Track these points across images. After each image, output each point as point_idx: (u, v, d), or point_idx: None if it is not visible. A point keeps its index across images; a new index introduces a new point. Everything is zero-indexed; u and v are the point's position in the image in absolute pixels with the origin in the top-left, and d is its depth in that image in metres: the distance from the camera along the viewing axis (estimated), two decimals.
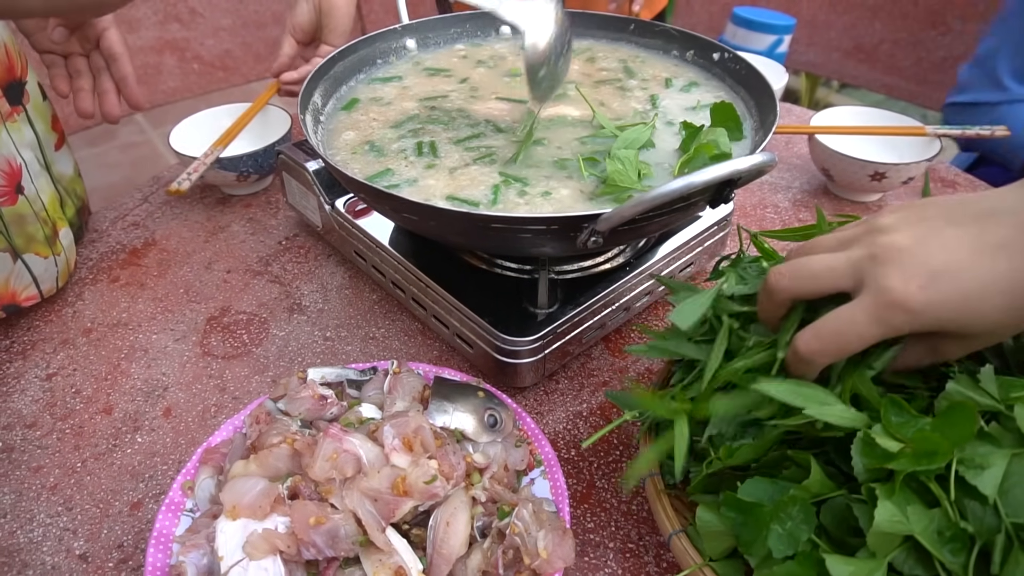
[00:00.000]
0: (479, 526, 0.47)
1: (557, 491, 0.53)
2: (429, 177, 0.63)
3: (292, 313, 0.77)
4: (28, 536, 0.56)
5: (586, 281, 0.66)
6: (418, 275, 0.68)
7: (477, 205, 0.59)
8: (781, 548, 0.38)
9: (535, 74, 0.61)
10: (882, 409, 0.38)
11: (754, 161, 0.48)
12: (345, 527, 0.45)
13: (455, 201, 0.59)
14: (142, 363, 0.71)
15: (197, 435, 0.64)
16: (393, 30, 0.82)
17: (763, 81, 0.70)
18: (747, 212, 0.92)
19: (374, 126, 0.71)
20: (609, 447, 0.62)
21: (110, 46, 0.75)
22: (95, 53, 0.77)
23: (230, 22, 1.81)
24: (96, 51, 0.77)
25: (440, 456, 0.49)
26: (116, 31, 0.76)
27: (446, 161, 0.65)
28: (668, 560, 0.54)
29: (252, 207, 0.94)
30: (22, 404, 0.67)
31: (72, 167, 0.85)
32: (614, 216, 0.48)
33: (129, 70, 0.77)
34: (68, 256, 0.78)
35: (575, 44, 0.86)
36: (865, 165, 0.85)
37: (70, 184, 0.84)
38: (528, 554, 0.46)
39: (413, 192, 0.61)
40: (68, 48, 0.76)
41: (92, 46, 0.77)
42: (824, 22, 1.96)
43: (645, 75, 0.80)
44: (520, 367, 0.63)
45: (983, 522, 0.34)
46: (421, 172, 0.63)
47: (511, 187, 0.60)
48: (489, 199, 0.59)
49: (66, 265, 0.78)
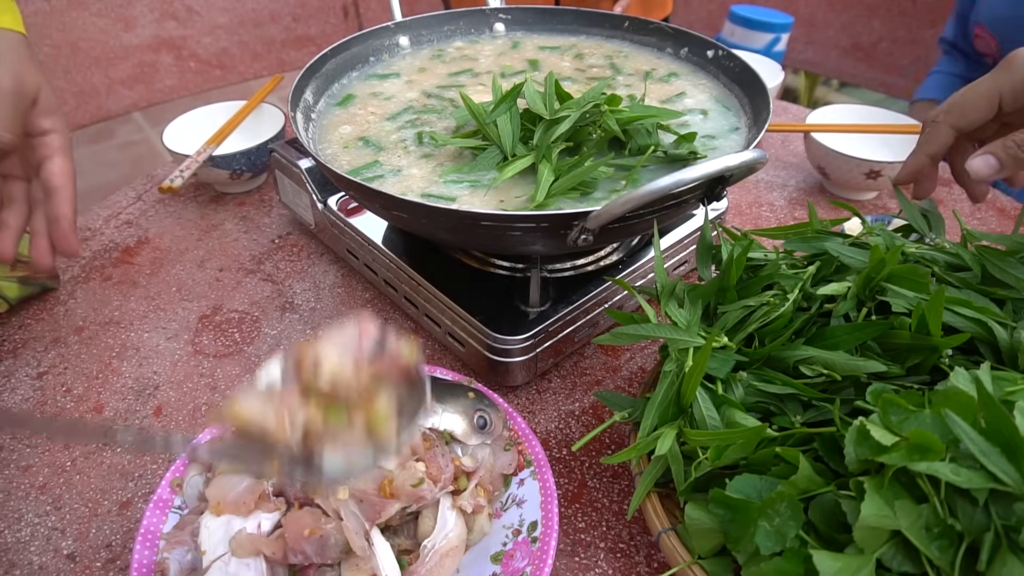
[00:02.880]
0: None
1: (547, 492, 0.53)
2: (414, 167, 0.63)
3: (284, 311, 0.77)
4: (16, 536, 0.56)
5: (579, 280, 0.66)
6: (410, 273, 0.68)
7: (453, 200, 0.58)
8: (769, 545, 0.38)
9: None
10: (880, 404, 0.38)
11: (744, 158, 0.47)
12: (335, 536, 0.45)
13: (431, 198, 0.59)
14: (133, 362, 0.71)
15: (187, 434, 0.63)
16: (386, 27, 0.82)
17: (757, 78, 0.70)
18: (742, 210, 0.92)
19: (370, 120, 0.71)
20: (601, 446, 0.62)
21: (48, 178, 0.59)
22: (36, 182, 0.61)
23: (227, 20, 1.80)
24: (38, 180, 0.61)
25: (428, 458, 0.49)
26: (63, 159, 0.60)
27: (441, 151, 0.65)
28: (659, 560, 0.53)
29: (245, 205, 0.94)
30: (12, 403, 0.67)
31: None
32: (603, 213, 0.47)
33: (65, 210, 0.59)
34: None
35: (561, 41, 0.87)
36: (860, 163, 0.85)
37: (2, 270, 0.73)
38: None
39: (395, 183, 0.61)
40: (5, 169, 0.61)
41: (34, 172, 0.61)
42: (822, 20, 1.96)
43: (629, 70, 0.80)
44: (512, 366, 0.62)
45: (972, 520, 0.34)
46: (411, 162, 0.63)
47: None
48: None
49: None
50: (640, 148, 0.62)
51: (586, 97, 0.62)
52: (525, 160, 0.59)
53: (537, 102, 0.62)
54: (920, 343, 0.44)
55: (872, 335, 0.46)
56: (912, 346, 0.45)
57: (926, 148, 0.51)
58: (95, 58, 1.68)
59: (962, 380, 0.39)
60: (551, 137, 0.59)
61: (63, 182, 0.59)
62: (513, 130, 0.62)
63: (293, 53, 1.93)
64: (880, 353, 0.47)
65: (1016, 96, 0.48)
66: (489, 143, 0.63)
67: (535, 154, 0.60)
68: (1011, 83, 0.48)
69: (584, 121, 0.61)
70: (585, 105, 0.60)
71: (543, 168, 0.58)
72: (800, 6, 1.95)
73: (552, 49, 0.85)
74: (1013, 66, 0.49)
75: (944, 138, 0.50)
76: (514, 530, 0.51)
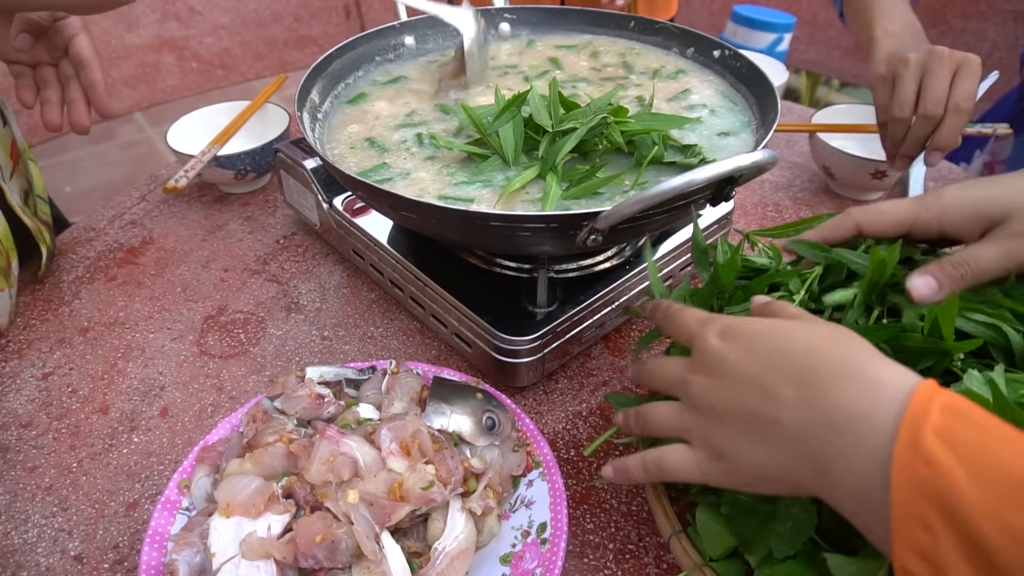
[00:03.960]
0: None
1: (555, 493, 0.53)
2: (422, 170, 0.63)
3: (290, 312, 0.76)
4: (23, 537, 0.56)
5: (586, 280, 0.66)
6: (416, 274, 0.67)
7: (471, 202, 0.58)
8: (783, 548, 0.38)
9: (471, 59, 0.75)
10: None
11: (755, 159, 0.47)
12: (346, 540, 0.45)
13: (448, 200, 0.59)
14: (139, 362, 0.71)
15: (194, 435, 0.63)
16: (391, 27, 0.82)
17: (764, 79, 0.69)
18: (748, 211, 0.91)
19: (376, 122, 0.71)
20: (609, 447, 0.62)
21: (78, 52, 0.69)
22: (64, 61, 0.71)
23: (229, 20, 1.80)
24: (65, 59, 0.71)
25: (438, 461, 0.49)
26: (86, 36, 0.70)
27: (445, 153, 0.65)
28: (668, 561, 0.53)
29: (250, 205, 0.94)
30: (18, 404, 0.67)
31: (18, 194, 0.79)
32: (614, 214, 0.47)
33: (98, 77, 0.70)
34: (13, 295, 0.74)
35: (575, 39, 0.87)
36: (866, 163, 0.85)
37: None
38: None
39: (406, 186, 0.61)
40: (35, 57, 0.70)
41: (61, 54, 0.71)
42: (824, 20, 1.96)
43: (641, 68, 0.80)
44: (519, 366, 0.62)
45: None
46: (416, 164, 0.63)
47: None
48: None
49: (16, 300, 0.75)
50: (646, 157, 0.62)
51: (592, 107, 0.62)
52: (531, 172, 0.59)
53: (541, 112, 0.62)
54: (932, 346, 0.44)
55: (883, 338, 0.46)
56: (924, 349, 0.45)
57: (825, 233, 0.50)
58: None
59: (976, 383, 0.39)
60: (557, 151, 0.59)
61: (90, 55, 0.70)
62: (516, 140, 0.62)
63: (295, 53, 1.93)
64: (892, 355, 0.46)
65: (929, 232, 0.48)
66: (491, 151, 0.63)
67: (541, 165, 0.60)
68: (929, 219, 0.47)
69: (590, 134, 0.61)
70: (592, 118, 0.60)
71: (551, 180, 0.58)
72: (802, 6, 1.95)
73: (569, 48, 0.85)
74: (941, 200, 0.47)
75: (847, 233, 0.49)
76: (523, 531, 0.51)
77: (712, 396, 0.39)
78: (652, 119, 0.63)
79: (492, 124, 0.63)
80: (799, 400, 0.35)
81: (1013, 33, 1.77)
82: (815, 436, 0.34)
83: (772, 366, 0.37)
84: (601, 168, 0.59)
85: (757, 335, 0.39)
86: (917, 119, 0.70)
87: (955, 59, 0.69)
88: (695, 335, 0.42)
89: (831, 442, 0.33)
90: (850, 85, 2.64)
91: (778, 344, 0.38)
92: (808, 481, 0.35)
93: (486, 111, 0.65)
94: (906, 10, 0.79)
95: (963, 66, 0.68)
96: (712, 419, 0.39)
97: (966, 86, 0.68)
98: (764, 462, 0.37)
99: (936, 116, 0.69)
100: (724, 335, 0.40)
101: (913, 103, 0.70)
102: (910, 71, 0.69)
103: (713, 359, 0.40)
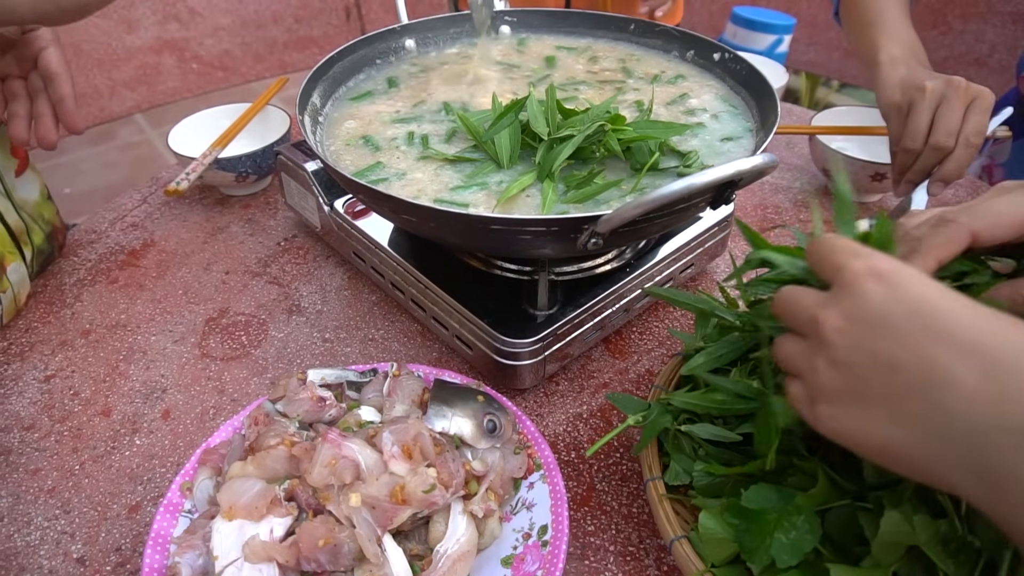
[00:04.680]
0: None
1: (556, 495, 0.53)
2: (417, 171, 0.63)
3: (291, 314, 0.77)
4: (25, 540, 0.56)
5: (586, 282, 0.66)
6: (417, 276, 0.68)
7: (467, 206, 0.58)
8: (785, 557, 0.38)
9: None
10: None
11: (755, 162, 0.47)
12: (349, 544, 0.45)
13: (443, 203, 0.59)
14: (141, 365, 0.71)
15: (196, 437, 0.63)
16: (392, 30, 0.82)
17: (764, 82, 0.70)
18: (748, 213, 0.92)
19: (374, 121, 0.71)
20: (610, 449, 0.62)
21: (47, 65, 0.68)
22: (34, 74, 0.69)
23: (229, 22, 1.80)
24: (35, 72, 0.69)
25: (439, 464, 0.49)
26: (56, 49, 0.69)
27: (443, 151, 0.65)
28: (669, 564, 0.53)
29: (251, 208, 0.94)
30: (20, 406, 0.67)
31: (38, 191, 0.81)
32: (614, 217, 0.47)
33: (67, 91, 0.68)
34: (17, 292, 0.75)
35: (575, 43, 0.87)
36: (866, 165, 0.85)
37: (36, 209, 0.80)
38: None
39: (402, 187, 0.61)
40: (3, 69, 0.69)
41: (30, 66, 0.69)
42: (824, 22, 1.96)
43: (640, 73, 0.80)
44: (520, 369, 0.62)
45: (991, 536, 0.34)
46: (411, 165, 0.63)
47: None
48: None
49: (13, 303, 0.74)
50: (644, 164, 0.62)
51: (590, 115, 0.62)
52: (528, 177, 0.60)
53: (539, 119, 0.62)
54: None
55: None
56: None
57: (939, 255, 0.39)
58: (97, 60, 1.68)
59: None
60: (554, 159, 0.59)
61: (60, 68, 0.68)
62: (512, 146, 0.62)
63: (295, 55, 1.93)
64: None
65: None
66: (485, 156, 0.63)
67: (538, 171, 0.60)
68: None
69: (587, 141, 0.61)
70: (589, 126, 0.60)
71: (547, 187, 0.58)
72: (802, 7, 1.95)
73: (569, 50, 0.85)
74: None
75: (962, 246, 0.39)
76: (524, 534, 0.51)
77: (850, 349, 0.31)
78: (650, 127, 0.63)
79: (488, 132, 0.63)
80: (980, 393, 0.28)
81: (1012, 35, 1.77)
82: (994, 445, 0.27)
83: (944, 336, 0.29)
84: (599, 174, 0.59)
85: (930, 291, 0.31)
86: (927, 149, 0.70)
87: (971, 93, 0.68)
88: (842, 267, 0.33)
89: (1016, 456, 0.27)
90: (850, 86, 2.65)
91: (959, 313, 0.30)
92: (965, 486, 0.29)
93: (482, 117, 0.65)
94: (908, 29, 0.78)
95: (977, 100, 0.68)
96: (847, 377, 0.31)
97: (978, 121, 0.68)
98: (905, 451, 0.30)
99: (947, 148, 0.68)
100: (882, 278, 0.31)
101: (926, 135, 0.69)
102: (927, 101, 0.69)
103: (864, 301, 0.31)
